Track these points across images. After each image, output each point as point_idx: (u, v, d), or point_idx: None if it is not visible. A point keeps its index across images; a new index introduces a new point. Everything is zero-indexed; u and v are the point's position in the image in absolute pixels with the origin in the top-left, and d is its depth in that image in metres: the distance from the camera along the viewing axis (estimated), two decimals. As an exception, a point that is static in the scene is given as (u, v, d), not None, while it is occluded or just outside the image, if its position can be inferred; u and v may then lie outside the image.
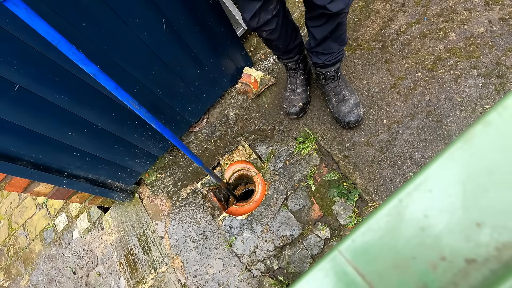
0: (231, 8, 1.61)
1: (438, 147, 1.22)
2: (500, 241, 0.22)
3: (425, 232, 0.24)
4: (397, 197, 0.27)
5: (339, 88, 1.35)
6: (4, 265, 2.15)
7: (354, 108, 1.33)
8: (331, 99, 1.38)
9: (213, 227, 1.48)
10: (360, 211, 1.24)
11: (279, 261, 1.30)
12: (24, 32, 0.89)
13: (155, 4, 1.11)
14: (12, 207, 2.31)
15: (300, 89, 1.47)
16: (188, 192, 1.61)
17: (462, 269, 0.22)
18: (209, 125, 1.71)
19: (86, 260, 1.83)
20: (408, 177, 1.23)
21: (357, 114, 1.33)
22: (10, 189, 1.30)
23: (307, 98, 1.48)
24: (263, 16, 1.04)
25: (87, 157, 1.37)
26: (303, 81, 1.46)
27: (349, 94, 1.35)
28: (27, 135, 1.12)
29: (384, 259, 0.26)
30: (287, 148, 1.46)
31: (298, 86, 1.46)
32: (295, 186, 1.38)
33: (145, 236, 1.65)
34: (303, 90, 1.47)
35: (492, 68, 1.26)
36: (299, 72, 1.44)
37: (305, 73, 1.46)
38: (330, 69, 1.30)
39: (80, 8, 0.95)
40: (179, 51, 1.30)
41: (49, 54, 0.97)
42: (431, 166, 0.26)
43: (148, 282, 1.55)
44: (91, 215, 1.91)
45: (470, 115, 1.22)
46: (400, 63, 1.42)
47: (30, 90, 1.01)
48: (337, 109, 1.36)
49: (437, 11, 1.46)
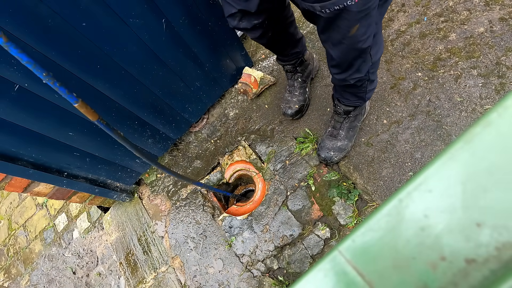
0: (231, 8, 1.61)
1: (438, 147, 1.22)
2: (500, 241, 0.22)
3: (425, 232, 0.24)
4: (397, 197, 0.27)
5: (340, 125, 1.31)
6: (4, 265, 2.15)
7: (334, 150, 1.30)
8: (328, 126, 1.36)
9: (213, 227, 1.48)
10: (360, 211, 1.24)
11: (279, 261, 1.30)
12: (24, 32, 0.89)
13: (155, 4, 1.10)
14: (12, 207, 2.31)
15: (297, 91, 1.45)
16: (188, 192, 1.61)
17: (462, 269, 0.22)
18: (209, 125, 1.71)
19: (86, 260, 1.83)
20: (408, 177, 1.23)
21: (330, 156, 1.30)
22: (10, 189, 1.30)
23: (304, 100, 1.46)
24: (243, 23, 0.99)
25: (87, 157, 1.37)
26: (300, 83, 1.45)
27: (343, 138, 1.30)
28: (27, 135, 1.12)
29: (384, 259, 0.26)
30: (287, 148, 1.46)
31: (296, 88, 1.45)
32: (295, 186, 1.38)
33: (145, 236, 1.65)
34: (301, 92, 1.45)
35: (492, 68, 1.26)
36: (297, 75, 1.43)
37: (303, 75, 1.44)
38: (341, 106, 1.25)
39: (80, 8, 0.95)
40: (179, 51, 1.30)
41: (49, 54, 0.97)
42: (431, 166, 0.26)
43: (148, 282, 1.55)
44: (91, 215, 1.91)
45: (470, 115, 1.22)
46: (400, 63, 1.42)
47: (30, 90, 1.01)
48: (322, 139, 1.36)
49: (437, 11, 1.46)
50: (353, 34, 0.82)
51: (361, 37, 0.84)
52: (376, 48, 0.94)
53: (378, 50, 0.96)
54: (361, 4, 0.73)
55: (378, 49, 0.96)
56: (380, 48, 0.97)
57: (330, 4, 0.74)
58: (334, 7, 0.74)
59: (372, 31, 0.85)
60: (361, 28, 0.81)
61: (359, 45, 0.87)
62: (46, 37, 0.93)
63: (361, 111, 1.29)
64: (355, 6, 0.73)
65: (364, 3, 0.73)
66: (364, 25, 0.81)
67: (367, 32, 0.83)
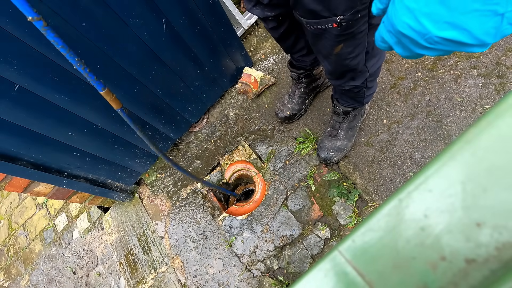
0: (231, 8, 1.61)
1: (438, 147, 1.22)
2: (500, 241, 0.22)
3: (425, 232, 0.24)
4: (397, 197, 0.27)
5: (339, 125, 1.30)
6: (4, 265, 2.15)
7: (334, 150, 1.30)
8: (327, 126, 1.36)
9: (213, 227, 1.48)
10: (360, 211, 1.24)
11: (279, 261, 1.30)
12: (24, 32, 0.89)
13: (155, 4, 1.10)
14: (12, 207, 2.31)
15: (295, 99, 1.44)
16: (188, 192, 1.61)
17: (462, 269, 0.22)
18: (209, 125, 1.71)
19: (86, 260, 1.83)
20: (408, 177, 1.23)
21: (330, 156, 1.30)
22: (10, 189, 1.30)
23: (299, 110, 1.45)
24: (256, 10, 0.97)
25: (87, 157, 1.37)
26: (301, 93, 1.43)
27: (342, 138, 1.30)
28: (27, 135, 1.12)
29: (384, 259, 0.26)
30: (287, 148, 1.46)
31: (295, 96, 1.43)
32: (295, 186, 1.38)
33: (145, 236, 1.65)
34: (298, 102, 1.44)
35: (492, 68, 1.26)
36: (300, 85, 1.41)
37: (307, 88, 1.42)
38: (339, 107, 1.24)
39: (80, 8, 0.95)
40: (179, 51, 1.30)
41: (49, 54, 0.97)
42: (431, 166, 0.26)
43: (148, 282, 1.55)
44: (91, 215, 1.91)
45: (470, 115, 1.22)
46: (400, 63, 1.42)
47: (30, 90, 1.01)
48: (321, 139, 1.35)
49: (437, 11, 1.46)
50: (338, 52, 0.84)
51: (348, 55, 0.85)
52: (373, 61, 0.93)
53: (376, 62, 0.95)
54: (341, 29, 0.75)
55: (377, 61, 0.95)
56: (380, 60, 0.96)
57: (314, 23, 0.77)
58: (317, 26, 0.77)
59: (361, 50, 0.85)
60: (345, 48, 0.82)
61: (346, 62, 0.88)
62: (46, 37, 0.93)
63: (360, 111, 1.29)
64: (335, 30, 0.76)
65: (344, 28, 0.75)
66: (349, 45, 0.82)
67: (355, 51, 0.84)
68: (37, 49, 0.94)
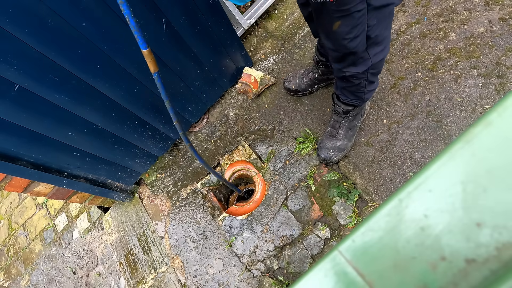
0: (231, 8, 1.61)
1: (438, 147, 1.22)
2: (500, 241, 0.22)
3: (425, 232, 0.24)
4: (397, 197, 0.27)
5: (339, 125, 1.30)
6: (4, 265, 2.15)
7: (334, 150, 1.30)
8: (327, 126, 1.36)
9: (213, 227, 1.48)
10: (360, 211, 1.24)
11: (279, 261, 1.30)
12: (24, 32, 0.89)
13: (155, 4, 1.10)
14: (12, 207, 2.31)
15: (306, 79, 1.47)
16: (188, 192, 1.61)
17: (462, 269, 0.22)
18: (209, 125, 1.71)
19: (86, 260, 1.83)
20: (408, 177, 1.23)
21: (330, 156, 1.30)
22: (10, 189, 1.30)
23: (304, 90, 1.49)
24: None
25: (87, 157, 1.37)
26: (314, 78, 1.45)
27: (342, 137, 1.30)
28: (27, 135, 1.12)
29: (384, 259, 0.26)
30: (287, 148, 1.46)
31: (307, 76, 1.46)
32: (295, 186, 1.38)
33: (145, 236, 1.65)
34: (308, 83, 1.47)
35: (492, 68, 1.26)
36: (317, 70, 1.43)
37: (321, 75, 1.44)
38: (340, 105, 1.25)
39: (80, 8, 0.95)
40: (179, 51, 1.30)
41: (49, 54, 0.97)
42: (431, 166, 0.26)
43: (148, 282, 1.55)
44: (91, 215, 1.91)
45: (470, 115, 1.22)
46: (400, 63, 1.42)
47: (30, 90, 1.01)
48: (321, 139, 1.36)
49: (437, 11, 1.46)
50: (336, 30, 0.85)
51: (346, 35, 0.86)
52: (376, 49, 0.93)
53: (380, 52, 0.95)
54: (337, 4, 0.77)
55: (381, 51, 0.95)
56: (383, 51, 0.96)
57: None
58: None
59: (360, 32, 0.85)
60: (343, 26, 0.84)
61: (344, 43, 0.88)
62: (46, 37, 0.93)
63: (360, 111, 1.29)
64: (332, 5, 0.79)
65: (340, 4, 0.77)
66: (347, 24, 0.83)
67: (353, 32, 0.85)
68: (37, 49, 0.94)
